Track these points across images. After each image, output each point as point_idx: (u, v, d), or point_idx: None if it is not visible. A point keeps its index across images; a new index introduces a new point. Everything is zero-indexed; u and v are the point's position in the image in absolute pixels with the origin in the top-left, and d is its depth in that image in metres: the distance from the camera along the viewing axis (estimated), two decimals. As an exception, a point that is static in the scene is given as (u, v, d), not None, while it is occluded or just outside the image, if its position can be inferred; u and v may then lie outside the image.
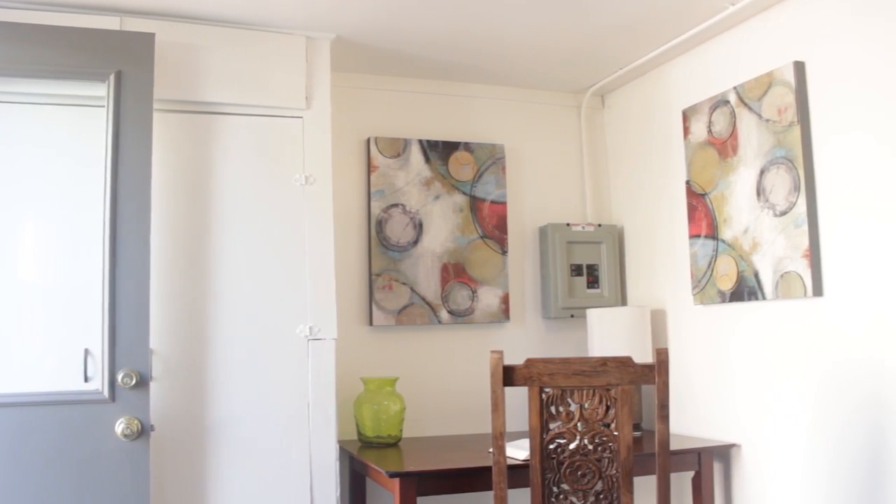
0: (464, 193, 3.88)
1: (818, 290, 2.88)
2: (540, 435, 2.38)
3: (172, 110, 3.05)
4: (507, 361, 2.47)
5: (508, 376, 2.38)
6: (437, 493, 2.89)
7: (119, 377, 2.66)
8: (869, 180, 2.72)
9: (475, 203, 3.90)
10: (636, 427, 3.61)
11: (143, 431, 2.67)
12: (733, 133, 3.27)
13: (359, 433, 3.43)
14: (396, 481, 2.78)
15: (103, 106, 2.79)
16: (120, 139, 2.77)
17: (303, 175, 3.19)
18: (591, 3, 3.11)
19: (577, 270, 3.96)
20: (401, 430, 3.43)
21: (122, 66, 2.81)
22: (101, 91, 2.80)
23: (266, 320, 3.09)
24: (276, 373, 3.07)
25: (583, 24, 3.31)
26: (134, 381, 2.67)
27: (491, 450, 2.51)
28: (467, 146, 3.92)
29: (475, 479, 2.90)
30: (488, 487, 2.77)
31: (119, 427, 2.65)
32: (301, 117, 3.23)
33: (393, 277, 3.72)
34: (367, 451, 3.26)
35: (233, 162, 3.13)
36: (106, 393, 2.66)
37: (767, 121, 3.09)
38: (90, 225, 2.79)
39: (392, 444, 3.40)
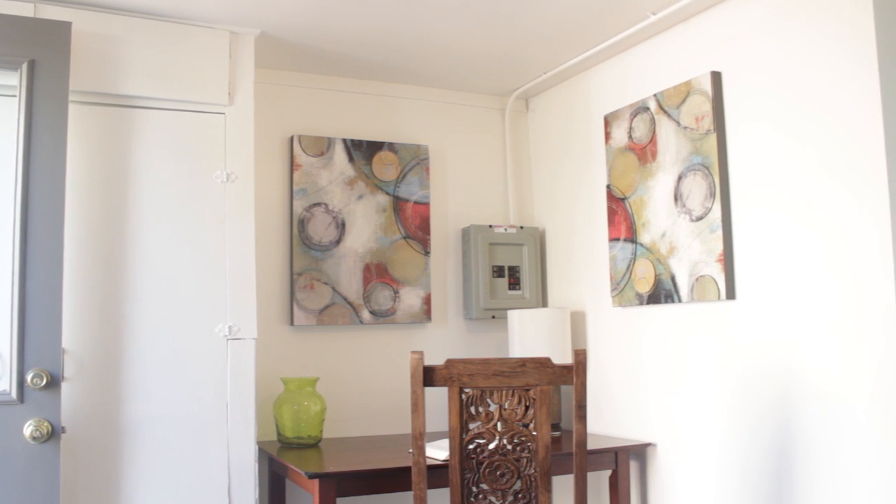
0: (387, 193, 3.88)
1: (731, 294, 2.97)
2: (459, 435, 2.39)
3: (89, 102, 2.97)
4: (429, 362, 2.48)
5: (428, 377, 2.38)
6: (356, 494, 2.88)
7: (28, 377, 2.57)
8: (780, 188, 2.81)
9: (398, 203, 3.90)
10: (555, 427, 3.66)
11: (53, 434, 2.58)
12: (653, 139, 3.35)
13: (278, 434, 3.39)
14: (316, 482, 2.76)
15: (15, 95, 2.70)
16: (32, 131, 2.67)
17: (224, 172, 3.14)
18: (516, 8, 3.15)
19: (498, 272, 3.99)
20: (321, 431, 3.41)
21: (36, 55, 2.71)
22: (14, 80, 2.71)
23: (184, 319, 3.03)
24: (194, 373, 3.01)
25: (508, 28, 3.35)
26: (44, 382, 2.58)
27: (411, 450, 2.51)
28: (391, 146, 3.92)
29: (395, 479, 2.90)
30: (408, 488, 2.78)
31: (28, 429, 2.56)
32: (223, 113, 3.18)
33: (315, 277, 3.69)
34: (287, 452, 3.23)
35: (152, 157, 3.06)
36: (14, 394, 2.56)
37: (685, 128, 3.17)
38: (-1, 219, 2.70)
39: (312, 444, 3.37)
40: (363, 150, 3.85)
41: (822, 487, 2.62)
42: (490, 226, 4.00)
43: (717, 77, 3.07)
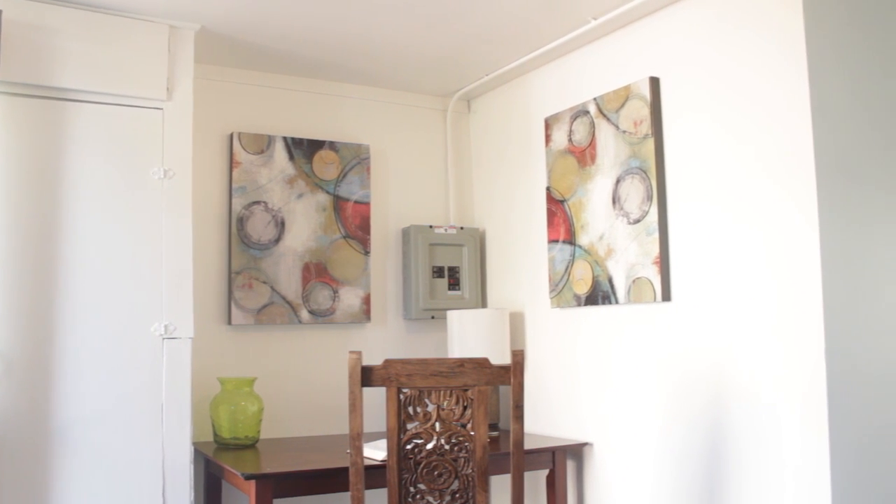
0: (327, 193, 3.86)
1: (667, 296, 3.02)
2: (397, 435, 2.39)
3: (20, 94, 2.89)
4: (368, 362, 2.47)
5: (366, 377, 2.37)
6: (293, 495, 2.86)
7: (-47, 376, 2.50)
8: (715, 191, 2.87)
9: (339, 203, 3.88)
10: (493, 427, 3.68)
11: (-21, 434, 2.51)
12: (592, 143, 3.39)
13: (215, 435, 3.34)
14: (252, 483, 2.73)
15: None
16: (-40, 123, 2.60)
17: (161, 168, 3.09)
18: (460, 9, 3.16)
19: (438, 272, 4.00)
20: (258, 432, 3.37)
21: (-35, 46, 2.64)
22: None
23: (118, 318, 2.97)
24: (128, 373, 2.96)
25: (451, 29, 3.36)
26: (-30, 381, 2.51)
27: (349, 450, 2.50)
28: (332, 145, 3.89)
29: (332, 480, 2.88)
30: (346, 488, 2.77)
31: (-48, 429, 2.48)
32: (161, 108, 3.13)
33: (253, 276, 3.65)
34: (223, 453, 3.18)
35: (86, 152, 2.99)
36: (-62, 393, 2.49)
37: (624, 132, 3.22)
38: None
39: (249, 445, 3.33)
40: (304, 149, 3.83)
41: (750, 488, 2.69)
42: (430, 226, 4.01)
43: (655, 82, 3.12)
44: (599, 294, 3.31)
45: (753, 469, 2.69)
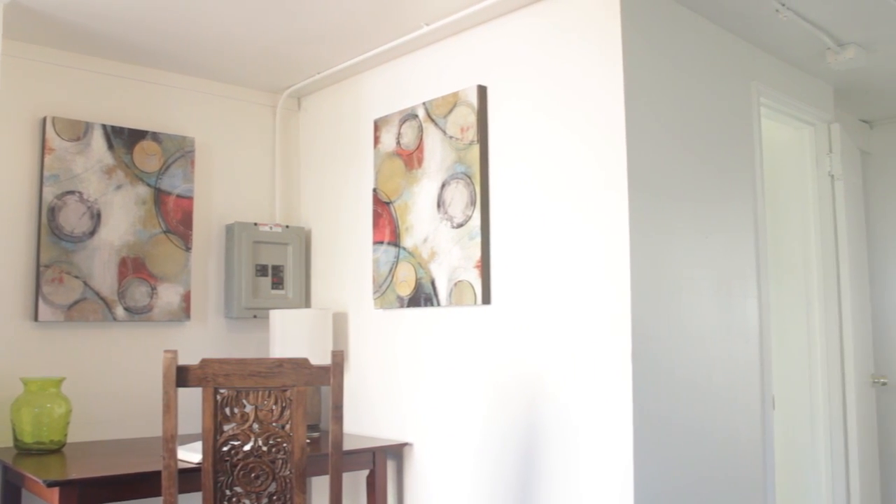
0: (148, 185, 3.71)
1: (487, 299, 3.11)
2: (213, 437, 2.34)
3: None
4: (187, 361, 2.41)
5: (182, 377, 2.31)
6: (102, 502, 2.72)
7: None
8: (534, 200, 2.99)
9: (160, 196, 3.74)
10: (315, 428, 3.67)
11: None
12: (420, 146, 3.44)
13: (16, 439, 3.14)
14: (55, 491, 2.58)
15: None
16: None
17: (-39, 153, 2.88)
18: (292, 5, 3.12)
19: (262, 271, 3.94)
20: (65, 436, 3.20)
21: None
22: None
23: None
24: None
25: (283, 24, 3.31)
26: None
27: (163, 453, 2.42)
28: (155, 136, 3.75)
29: (145, 484, 2.77)
30: (159, 493, 2.67)
31: None
32: (-38, 88, 2.92)
33: (64, 270, 3.46)
34: (25, 459, 3.00)
35: None
36: None
37: (451, 137, 3.29)
38: None
39: (55, 450, 3.15)
40: (124, 138, 3.67)
41: (560, 487, 2.81)
42: (255, 224, 3.94)
43: (482, 90, 3.21)
44: (422, 296, 3.36)
45: (562, 469, 2.81)
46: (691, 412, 2.89)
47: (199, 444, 2.96)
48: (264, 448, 2.39)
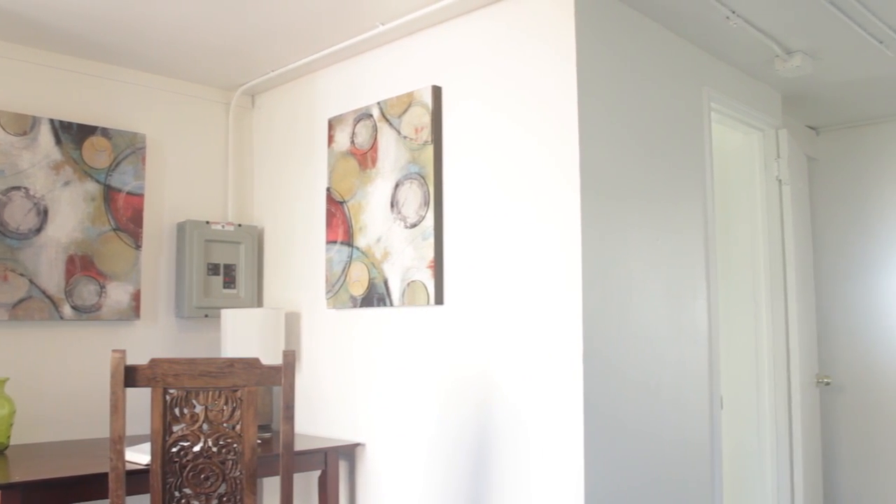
0: (98, 182, 3.65)
1: (439, 299, 3.12)
2: (162, 438, 2.31)
3: None
4: (137, 361, 2.38)
5: (130, 377, 2.28)
6: (46, 505, 2.67)
7: None
8: (487, 201, 3.00)
9: (110, 193, 3.68)
10: (266, 428, 3.64)
11: None
12: (374, 146, 3.43)
13: (-44, 440, 3.08)
14: (-3, 493, 2.54)
15: None
16: None
17: None
18: (248, 1, 3.09)
19: (213, 269, 3.90)
20: (8, 437, 3.13)
21: None
22: None
23: None
24: None
25: (237, 20, 3.28)
26: None
27: (111, 455, 2.39)
28: (105, 132, 3.69)
29: (91, 487, 2.72)
30: (106, 495, 2.63)
31: None
32: None
33: (9, 267, 3.39)
34: (-35, 460, 2.94)
35: None
36: None
37: (405, 138, 3.29)
38: None
39: (-3, 450, 3.10)
40: (73, 133, 3.60)
41: (512, 487, 2.83)
42: (207, 222, 3.90)
43: (437, 91, 3.21)
44: (375, 296, 3.36)
45: (513, 468, 2.83)
46: (641, 412, 2.93)
47: (147, 446, 2.92)
48: (214, 449, 2.37)
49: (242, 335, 3.59)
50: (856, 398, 4.66)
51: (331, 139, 3.66)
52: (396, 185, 3.31)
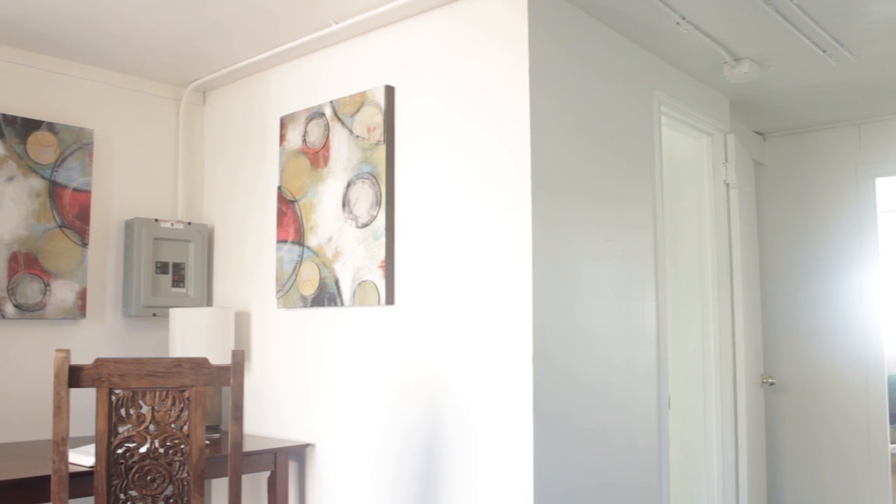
0: (43, 178, 3.58)
1: (390, 299, 3.11)
2: (107, 439, 2.28)
3: None
4: (83, 361, 2.33)
5: (75, 377, 2.24)
6: (-15, 508, 2.62)
7: None
8: (439, 202, 3.01)
9: (55, 189, 3.61)
10: (215, 429, 3.60)
11: None
12: (326, 145, 3.42)
13: None
14: (-66, 496, 2.47)
15: None
16: None
17: None
18: (195, -3, 3.07)
19: (162, 268, 3.84)
20: (-53, 437, 3.06)
21: None
22: None
23: None
24: None
25: (190, 16, 3.24)
26: None
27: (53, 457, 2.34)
28: (51, 126, 3.62)
29: (33, 489, 2.67)
30: (48, 499, 2.58)
31: None
32: None
33: (-50, 265, 3.31)
34: None
35: None
36: None
37: (358, 137, 3.28)
38: None
39: (-65, 452, 3.02)
40: (17, 128, 3.52)
41: (461, 487, 2.84)
42: (156, 220, 3.84)
43: (390, 91, 3.21)
44: (326, 296, 3.34)
45: (462, 469, 2.84)
46: (591, 412, 2.96)
47: (92, 447, 2.87)
48: (161, 450, 2.33)
49: (191, 335, 3.54)
50: (799, 398, 4.77)
51: (282, 138, 3.63)
52: (348, 185, 3.30)
